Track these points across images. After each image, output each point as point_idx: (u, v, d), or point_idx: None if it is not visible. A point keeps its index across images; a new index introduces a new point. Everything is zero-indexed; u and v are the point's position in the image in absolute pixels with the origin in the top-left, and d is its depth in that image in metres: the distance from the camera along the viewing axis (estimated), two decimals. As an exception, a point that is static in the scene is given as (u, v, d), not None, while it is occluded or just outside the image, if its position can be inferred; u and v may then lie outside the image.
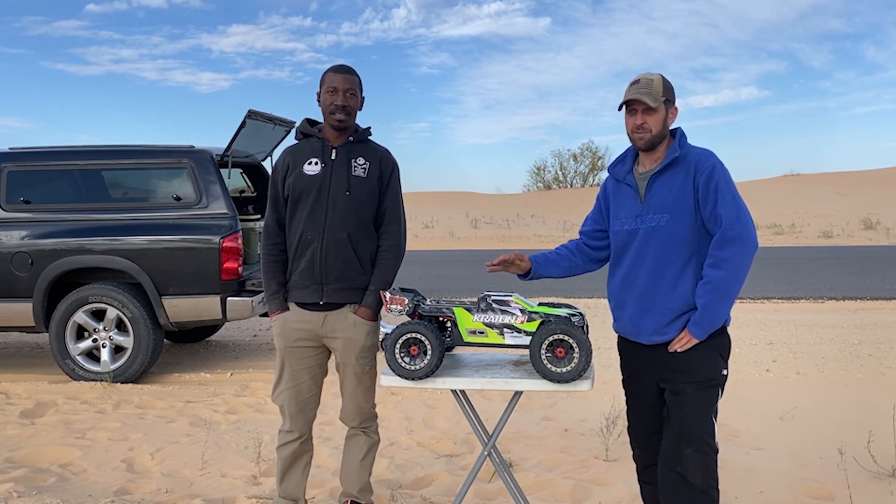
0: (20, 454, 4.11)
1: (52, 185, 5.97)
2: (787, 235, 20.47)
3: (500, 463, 2.94)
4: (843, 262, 13.45)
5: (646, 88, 2.50)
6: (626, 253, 2.61)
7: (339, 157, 2.89)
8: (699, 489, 2.46)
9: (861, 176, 35.42)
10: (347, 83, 2.87)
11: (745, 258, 2.42)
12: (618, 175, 2.67)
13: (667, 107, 2.54)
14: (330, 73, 2.89)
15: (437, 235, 22.99)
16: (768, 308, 8.89)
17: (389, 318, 2.97)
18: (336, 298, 2.89)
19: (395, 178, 2.99)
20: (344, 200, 2.86)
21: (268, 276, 2.96)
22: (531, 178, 47.66)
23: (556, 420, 4.70)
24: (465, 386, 2.68)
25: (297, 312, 2.93)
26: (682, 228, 2.48)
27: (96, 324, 5.72)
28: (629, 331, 2.64)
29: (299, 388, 2.97)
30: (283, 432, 3.03)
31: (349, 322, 2.91)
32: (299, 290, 2.91)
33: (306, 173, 2.87)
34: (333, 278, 2.87)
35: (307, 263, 2.87)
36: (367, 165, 2.92)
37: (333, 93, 2.85)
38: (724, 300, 2.44)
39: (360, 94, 2.94)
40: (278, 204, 2.95)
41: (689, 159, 2.50)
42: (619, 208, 2.65)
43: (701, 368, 2.50)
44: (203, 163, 5.75)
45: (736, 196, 2.46)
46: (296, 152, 2.94)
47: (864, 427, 4.14)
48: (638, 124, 2.52)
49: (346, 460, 3.11)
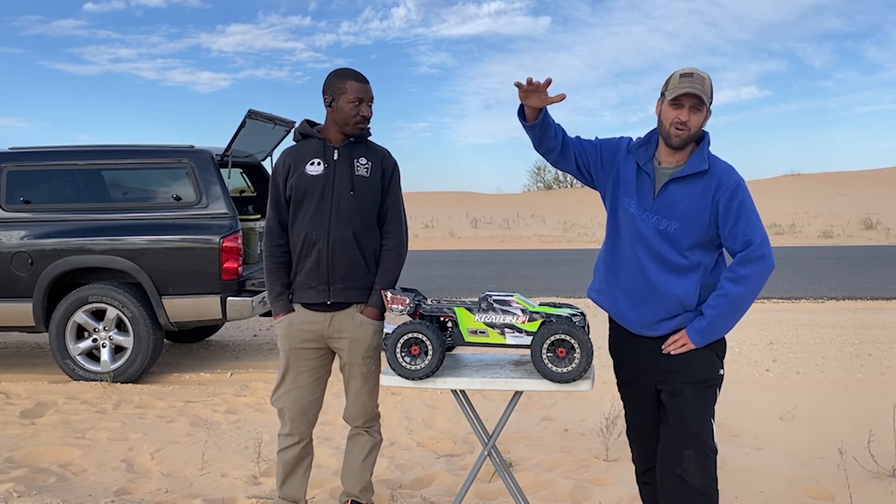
0: (20, 454, 4.11)
1: (52, 185, 5.97)
2: (787, 235, 20.46)
3: (500, 463, 2.94)
4: (843, 262, 13.44)
5: (700, 85, 2.40)
6: (623, 233, 2.56)
7: (341, 157, 2.90)
8: (699, 490, 2.46)
9: (861, 176, 35.42)
10: (371, 94, 2.90)
11: (763, 278, 2.44)
12: (640, 159, 2.56)
13: (709, 108, 2.48)
14: (354, 83, 2.86)
15: (437, 235, 22.98)
16: (768, 308, 8.89)
17: (390, 317, 2.97)
18: (343, 298, 2.89)
19: (396, 178, 3.00)
20: (348, 200, 2.86)
21: (271, 277, 2.95)
22: (531, 178, 47.70)
23: (556, 420, 4.70)
24: (465, 386, 2.68)
25: (303, 314, 2.92)
26: (689, 238, 2.46)
27: (96, 324, 5.72)
28: (613, 311, 2.64)
29: (302, 391, 2.96)
30: (284, 436, 3.00)
31: (356, 322, 2.91)
32: (305, 291, 2.90)
33: (309, 174, 2.87)
34: (340, 278, 2.87)
35: (313, 264, 2.86)
36: (370, 165, 2.92)
37: (359, 103, 2.85)
38: (734, 315, 2.47)
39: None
40: (280, 205, 2.94)
41: (713, 172, 2.46)
42: (628, 186, 2.56)
43: (699, 369, 2.50)
44: (203, 163, 5.75)
45: (758, 216, 2.47)
46: (296, 154, 2.94)
47: (864, 427, 4.14)
48: (683, 121, 2.41)
49: (347, 460, 3.11)
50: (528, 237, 21.84)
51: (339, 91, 2.86)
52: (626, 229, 2.56)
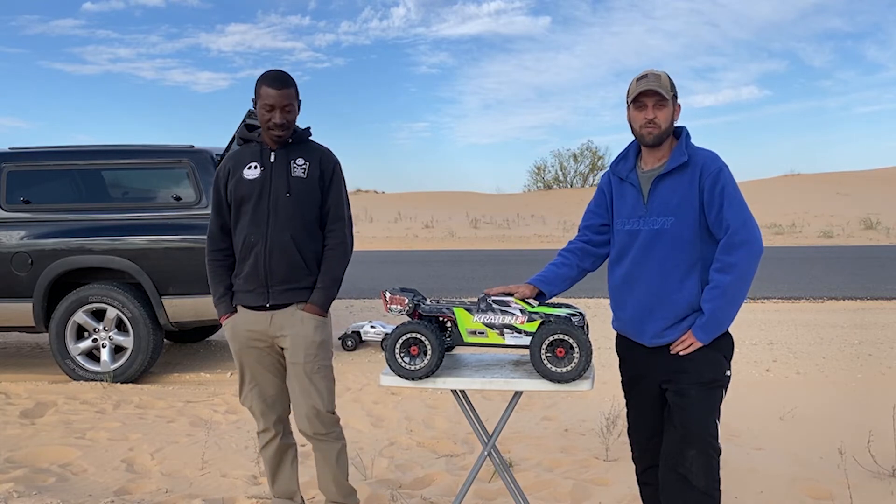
0: (20, 454, 4.11)
1: (52, 185, 5.97)
2: (787, 235, 20.46)
3: (500, 463, 2.94)
4: (843, 262, 13.44)
5: (656, 82, 2.49)
6: (627, 253, 2.59)
7: (277, 160, 2.86)
8: (701, 490, 2.46)
9: (861, 176, 35.39)
10: (284, 99, 2.77)
11: (752, 263, 2.42)
12: (620, 173, 2.64)
13: (674, 102, 2.53)
14: (265, 88, 2.78)
15: (437, 235, 22.98)
16: (768, 308, 8.89)
17: (390, 317, 2.97)
18: (282, 300, 2.87)
19: (337, 177, 2.94)
20: (285, 202, 2.83)
21: (214, 280, 2.95)
22: (531, 178, 47.64)
23: (556, 420, 4.70)
24: (465, 386, 2.68)
25: (245, 314, 2.91)
26: (687, 231, 2.47)
27: (96, 324, 5.72)
28: (631, 331, 2.63)
29: (263, 387, 2.97)
30: (260, 433, 3.03)
31: (296, 319, 2.87)
32: (245, 294, 2.89)
33: (246, 178, 2.85)
34: (278, 280, 2.84)
35: (251, 267, 2.85)
36: (307, 166, 2.88)
37: (270, 110, 2.78)
38: (731, 305, 2.44)
39: (297, 106, 2.86)
40: (221, 209, 2.93)
41: (695, 161, 2.49)
42: (621, 207, 2.64)
43: (705, 369, 2.49)
44: (203, 163, 5.75)
45: (742, 200, 2.46)
46: (236, 158, 2.92)
47: (864, 427, 4.13)
48: (649, 118, 2.48)
49: (319, 471, 3.04)
50: (528, 237, 21.83)
51: (257, 95, 2.83)
52: (622, 249, 2.61)
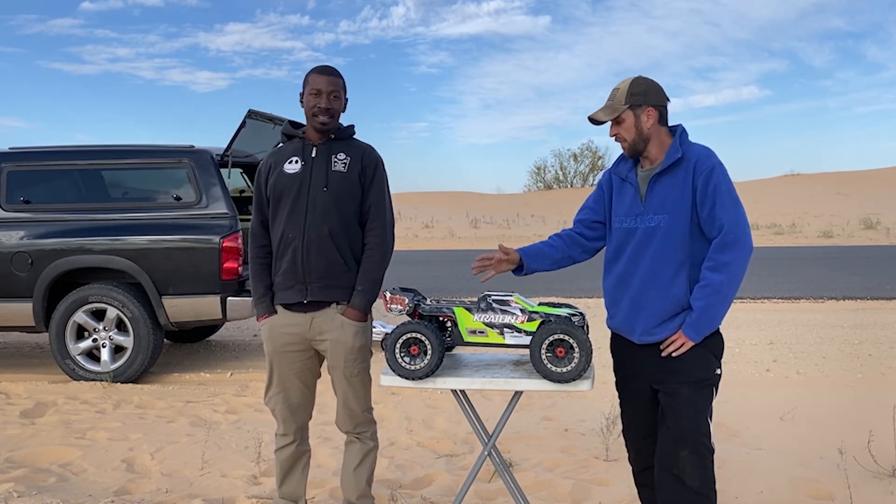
0: (20, 454, 4.11)
1: (52, 185, 5.97)
2: (787, 235, 20.46)
3: (500, 463, 2.94)
4: (843, 262, 13.44)
5: (609, 100, 2.57)
6: (623, 251, 2.60)
7: (318, 155, 2.85)
8: (696, 490, 2.46)
9: (861, 176, 35.41)
10: (331, 85, 2.81)
11: (743, 262, 2.43)
12: (620, 173, 2.66)
13: (635, 111, 2.52)
14: (314, 75, 2.83)
15: (437, 235, 22.99)
16: (768, 308, 8.89)
17: (389, 317, 2.97)
18: (321, 297, 2.83)
19: (379, 174, 2.92)
20: (323, 196, 2.81)
21: (255, 279, 2.92)
22: (531, 178, 47.71)
23: (556, 420, 4.70)
24: (465, 386, 2.68)
25: (284, 315, 2.88)
26: (680, 229, 2.48)
27: (96, 324, 5.72)
28: (622, 328, 2.64)
29: (289, 393, 2.94)
30: (279, 436, 3.01)
31: (336, 324, 2.84)
32: (283, 292, 2.86)
33: (287, 172, 2.84)
34: (317, 276, 2.81)
35: (289, 263, 2.82)
36: (348, 160, 2.87)
37: (317, 95, 2.79)
38: (722, 304, 2.45)
39: (343, 97, 2.88)
40: (262, 206, 2.92)
41: (689, 158, 2.49)
42: (619, 206, 2.65)
43: (695, 369, 2.49)
44: (203, 163, 5.75)
45: (735, 199, 2.45)
46: (278, 154, 2.92)
47: (864, 427, 4.13)
48: (612, 135, 2.59)
49: (343, 467, 3.07)
50: (529, 237, 21.82)
51: (304, 85, 2.86)
52: (618, 247, 2.62)
